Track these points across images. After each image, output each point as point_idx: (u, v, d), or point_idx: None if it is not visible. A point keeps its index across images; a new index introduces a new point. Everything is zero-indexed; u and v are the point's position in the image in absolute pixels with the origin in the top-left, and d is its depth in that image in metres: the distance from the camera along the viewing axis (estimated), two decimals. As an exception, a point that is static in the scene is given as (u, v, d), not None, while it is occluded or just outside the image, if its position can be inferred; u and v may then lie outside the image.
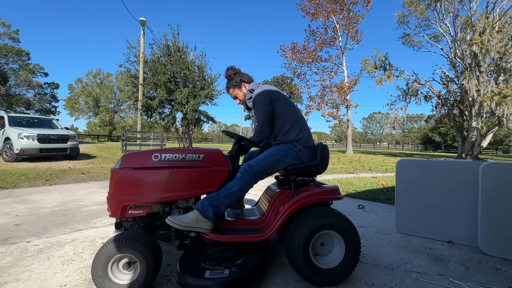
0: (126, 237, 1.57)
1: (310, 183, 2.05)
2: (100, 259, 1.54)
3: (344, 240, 1.78)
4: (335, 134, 65.76)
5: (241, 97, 2.22)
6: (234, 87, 2.21)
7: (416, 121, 64.16)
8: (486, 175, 2.41)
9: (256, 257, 1.80)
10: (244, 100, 2.21)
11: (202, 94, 15.14)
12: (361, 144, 55.98)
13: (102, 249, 1.56)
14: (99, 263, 1.54)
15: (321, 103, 20.04)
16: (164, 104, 15.58)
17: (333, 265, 1.78)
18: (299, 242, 1.72)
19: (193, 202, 1.89)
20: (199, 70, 15.61)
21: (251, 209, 2.33)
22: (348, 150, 19.98)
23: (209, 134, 57.80)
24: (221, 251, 1.72)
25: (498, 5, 16.78)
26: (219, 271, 1.63)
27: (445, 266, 2.15)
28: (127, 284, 1.56)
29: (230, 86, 2.23)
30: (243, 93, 2.21)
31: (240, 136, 2.02)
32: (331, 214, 1.78)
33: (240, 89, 2.21)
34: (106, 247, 1.55)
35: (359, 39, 19.90)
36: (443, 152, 38.36)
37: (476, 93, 16.56)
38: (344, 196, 4.82)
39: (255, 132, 2.02)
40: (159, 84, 14.49)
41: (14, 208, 3.48)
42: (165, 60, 15.04)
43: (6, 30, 28.17)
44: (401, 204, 2.96)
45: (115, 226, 1.89)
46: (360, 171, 8.95)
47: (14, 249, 2.25)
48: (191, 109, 14.77)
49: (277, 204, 1.92)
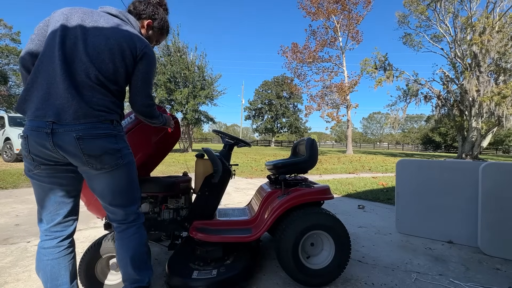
0: (111, 238, 1.56)
1: (302, 183, 2.03)
2: (85, 260, 1.54)
3: (334, 240, 1.77)
4: (335, 134, 65.78)
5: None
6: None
7: (416, 121, 64.16)
8: (486, 175, 2.41)
9: (245, 257, 1.79)
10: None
11: (202, 94, 15.15)
12: (361, 144, 55.99)
13: (88, 250, 1.56)
14: (84, 264, 1.53)
15: (321, 103, 20.04)
16: (164, 104, 15.57)
17: (323, 265, 1.78)
18: (288, 243, 1.71)
19: (183, 202, 1.88)
20: (199, 70, 15.62)
21: (242, 208, 2.32)
22: (348, 150, 19.97)
23: (209, 134, 57.79)
24: (210, 251, 1.72)
25: (498, 5, 16.79)
26: (207, 271, 1.63)
27: (445, 266, 2.15)
28: (115, 285, 1.56)
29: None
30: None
31: (233, 137, 2.00)
32: (320, 215, 1.77)
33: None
34: (92, 249, 1.55)
35: (359, 39, 19.91)
36: (443, 152, 38.34)
37: (476, 93, 16.56)
38: (344, 196, 4.82)
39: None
40: (159, 84, 14.49)
41: (14, 208, 3.48)
42: (165, 60, 15.05)
43: (8, 31, 28.26)
44: (401, 204, 2.96)
45: (104, 227, 1.84)
46: (360, 171, 8.95)
47: (14, 249, 2.25)
48: (191, 109, 14.78)
49: (267, 204, 1.91)
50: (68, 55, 1.10)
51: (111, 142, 1.15)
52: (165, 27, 1.48)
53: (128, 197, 1.26)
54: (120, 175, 1.20)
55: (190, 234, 1.75)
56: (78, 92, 1.08)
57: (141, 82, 1.26)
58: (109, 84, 1.16)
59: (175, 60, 14.91)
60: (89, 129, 1.08)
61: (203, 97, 15.16)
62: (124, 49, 1.17)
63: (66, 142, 1.06)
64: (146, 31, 1.41)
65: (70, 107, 1.06)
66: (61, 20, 1.12)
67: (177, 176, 1.96)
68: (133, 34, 1.23)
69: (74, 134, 1.06)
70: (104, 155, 1.13)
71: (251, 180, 6.52)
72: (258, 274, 1.90)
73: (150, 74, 1.29)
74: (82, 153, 1.08)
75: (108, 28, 1.18)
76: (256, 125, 44.27)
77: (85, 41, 1.12)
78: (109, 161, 1.15)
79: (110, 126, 1.15)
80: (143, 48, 1.22)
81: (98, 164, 1.13)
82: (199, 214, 1.85)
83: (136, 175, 1.30)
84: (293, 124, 42.25)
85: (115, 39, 1.16)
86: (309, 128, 45.83)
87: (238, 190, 5.20)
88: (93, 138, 1.09)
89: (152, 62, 1.27)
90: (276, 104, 41.81)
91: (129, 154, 1.24)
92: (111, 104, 1.17)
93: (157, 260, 2.08)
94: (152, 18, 1.40)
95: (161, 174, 7.00)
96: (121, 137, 1.21)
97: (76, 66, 1.09)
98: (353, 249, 2.31)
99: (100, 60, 1.13)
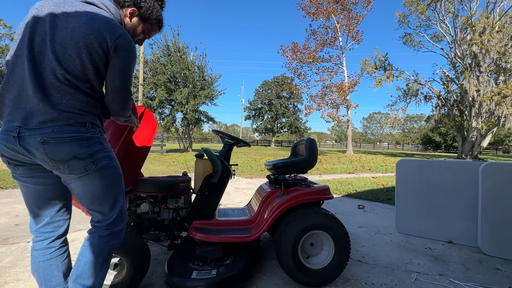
0: None
1: (301, 183, 2.03)
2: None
3: (334, 240, 1.77)
4: (335, 134, 65.78)
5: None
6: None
7: (416, 121, 64.17)
8: (486, 175, 2.41)
9: (245, 257, 1.79)
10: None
11: (202, 94, 15.16)
12: (361, 144, 55.97)
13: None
14: None
15: (321, 103, 20.03)
16: (164, 104, 15.60)
17: (322, 265, 1.78)
18: (288, 243, 1.71)
19: (183, 202, 1.88)
20: (199, 70, 15.64)
21: (242, 208, 2.32)
22: (348, 150, 19.96)
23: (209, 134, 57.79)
24: (209, 251, 1.72)
25: (498, 5, 16.80)
26: (206, 271, 1.63)
27: (445, 266, 2.14)
28: (112, 284, 1.55)
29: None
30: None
31: (233, 137, 2.00)
32: (320, 215, 1.77)
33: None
34: None
35: (359, 39, 19.90)
36: (443, 152, 38.35)
37: (476, 93, 16.56)
38: (344, 196, 4.82)
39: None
40: (159, 84, 14.51)
41: (14, 208, 3.48)
42: (165, 60, 15.06)
43: (8, 31, 28.30)
44: (401, 204, 2.96)
45: None
46: (360, 171, 8.95)
47: (14, 249, 2.25)
48: (191, 109, 14.79)
49: (267, 204, 1.91)
50: (37, 53, 1.01)
51: (81, 146, 1.04)
52: (153, 17, 1.31)
53: (105, 203, 1.16)
54: (93, 181, 1.10)
55: (190, 234, 1.75)
56: (46, 94, 0.99)
57: (119, 79, 1.12)
58: (79, 82, 1.04)
59: (175, 60, 14.92)
60: (54, 132, 1.00)
61: (203, 97, 15.17)
62: (91, 42, 1.03)
63: (32, 146, 1.00)
64: (130, 19, 1.27)
65: (38, 111, 0.99)
66: (32, 15, 1.04)
67: (176, 176, 1.96)
68: (105, 24, 1.08)
69: (38, 138, 0.98)
70: (71, 161, 1.03)
71: (251, 180, 6.52)
72: (258, 274, 1.90)
73: (127, 69, 1.14)
74: (48, 157, 1.01)
75: (78, 19, 1.05)
76: (256, 125, 44.28)
77: (52, 37, 1.02)
78: (77, 167, 1.05)
79: (81, 128, 1.05)
80: (116, 40, 1.07)
81: (66, 170, 1.05)
82: (199, 214, 1.85)
83: (118, 179, 1.19)
84: (293, 124, 42.25)
85: (81, 31, 1.03)
86: (309, 128, 45.87)
87: (238, 190, 5.20)
88: (59, 142, 1.00)
89: (129, 55, 1.12)
90: (276, 104, 41.82)
91: (104, 158, 1.12)
92: (83, 105, 1.06)
93: (157, 260, 2.08)
94: (137, 5, 1.25)
95: (160, 174, 7.00)
96: (95, 140, 1.09)
97: (45, 65, 1.01)
98: (353, 249, 2.31)
99: (67, 57, 1.02)
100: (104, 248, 1.19)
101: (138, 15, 1.28)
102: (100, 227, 1.20)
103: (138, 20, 1.29)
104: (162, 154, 13.83)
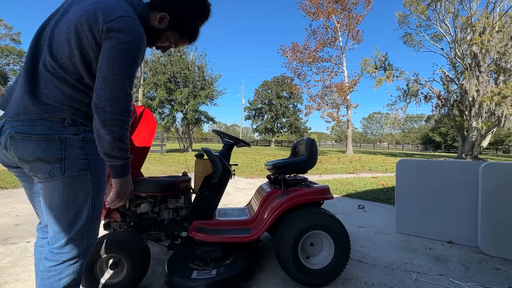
0: (110, 237, 1.56)
1: (301, 183, 2.03)
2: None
3: (334, 240, 1.77)
4: (335, 134, 65.79)
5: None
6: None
7: (416, 121, 64.18)
8: (486, 175, 2.41)
9: (245, 257, 1.79)
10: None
11: (202, 94, 15.17)
12: (361, 144, 55.97)
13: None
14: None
15: (321, 103, 20.03)
16: (164, 104, 15.60)
17: (322, 265, 1.78)
18: (288, 243, 1.71)
19: (183, 202, 1.88)
20: (199, 70, 15.64)
21: (242, 208, 2.32)
22: (348, 150, 19.97)
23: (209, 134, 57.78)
24: (209, 251, 1.72)
25: (498, 5, 16.80)
26: (206, 271, 1.63)
27: (445, 266, 2.14)
28: (112, 284, 1.55)
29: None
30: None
31: (233, 137, 2.00)
32: (320, 215, 1.77)
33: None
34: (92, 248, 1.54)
35: (359, 39, 19.91)
36: (443, 152, 38.35)
37: (476, 93, 16.56)
38: (344, 196, 4.82)
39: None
40: (159, 84, 14.52)
41: (14, 208, 3.48)
42: (165, 60, 15.07)
43: (8, 31, 28.35)
44: (401, 204, 2.96)
45: (104, 227, 1.85)
46: (360, 171, 8.95)
47: (14, 249, 2.25)
48: (191, 109, 14.80)
49: (267, 204, 1.91)
50: (42, 41, 0.93)
51: (50, 147, 0.88)
52: (181, 28, 1.15)
53: (62, 218, 0.95)
54: (54, 189, 0.92)
55: (190, 234, 1.75)
56: (32, 84, 0.89)
57: (106, 66, 0.88)
58: (65, 73, 0.90)
59: (175, 60, 14.93)
60: (24, 126, 0.86)
61: (203, 97, 15.18)
62: (81, 24, 0.89)
63: (3, 140, 0.90)
64: (159, 22, 1.11)
65: (16, 100, 0.89)
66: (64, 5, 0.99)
67: (176, 176, 1.96)
68: (105, 6, 0.92)
69: (8, 131, 0.88)
70: (35, 162, 0.88)
71: (251, 180, 6.52)
72: (258, 274, 1.90)
73: (121, 56, 0.90)
74: (15, 154, 0.88)
75: (83, 3, 0.94)
76: (256, 125, 44.30)
77: (57, 23, 0.93)
78: (40, 170, 0.89)
79: (56, 125, 0.89)
80: (110, 21, 0.89)
81: (30, 171, 0.91)
82: (199, 214, 1.85)
83: (87, 193, 0.97)
84: (293, 124, 42.27)
85: (76, 14, 0.91)
86: (309, 128, 45.87)
87: (238, 190, 5.20)
88: (25, 139, 0.86)
89: (124, 39, 0.89)
90: (276, 104, 41.82)
91: (77, 166, 0.93)
92: (66, 98, 0.91)
93: (157, 260, 2.08)
94: (170, 11, 1.09)
95: (160, 174, 7.00)
96: (73, 143, 0.92)
97: (41, 53, 0.93)
98: (353, 249, 2.31)
99: (58, 43, 0.90)
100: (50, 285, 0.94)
101: (169, 21, 1.12)
102: (47, 247, 0.99)
103: (167, 27, 1.13)
104: (162, 154, 13.83)
